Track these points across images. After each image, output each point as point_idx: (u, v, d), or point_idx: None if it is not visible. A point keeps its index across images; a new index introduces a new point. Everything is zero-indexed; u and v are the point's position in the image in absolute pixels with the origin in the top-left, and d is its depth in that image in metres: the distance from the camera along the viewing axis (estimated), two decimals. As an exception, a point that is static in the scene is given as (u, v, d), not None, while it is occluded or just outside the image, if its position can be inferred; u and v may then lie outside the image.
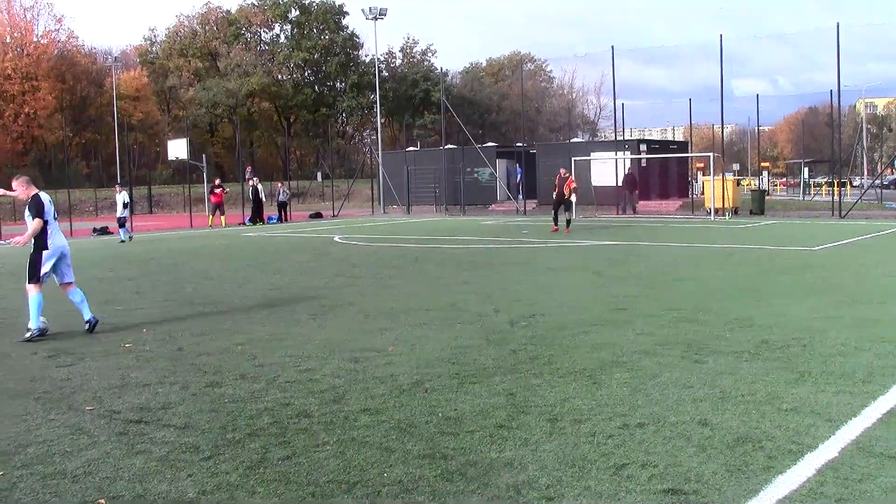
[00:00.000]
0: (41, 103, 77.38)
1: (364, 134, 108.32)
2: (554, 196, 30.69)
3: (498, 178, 52.79)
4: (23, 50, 79.85)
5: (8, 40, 79.77)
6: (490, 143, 60.29)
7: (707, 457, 5.73)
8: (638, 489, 5.20)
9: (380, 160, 57.38)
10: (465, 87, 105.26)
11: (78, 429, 6.77)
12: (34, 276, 11.06)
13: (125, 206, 31.83)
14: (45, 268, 11.13)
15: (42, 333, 11.02)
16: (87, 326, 11.35)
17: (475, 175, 53.50)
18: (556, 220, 30.26)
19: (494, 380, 8.02)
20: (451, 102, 59.46)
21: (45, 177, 70.30)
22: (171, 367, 8.96)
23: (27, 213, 11.20)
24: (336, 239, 29.35)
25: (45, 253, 11.11)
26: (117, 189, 33.38)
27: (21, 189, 11.47)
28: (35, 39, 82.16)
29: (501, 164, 53.93)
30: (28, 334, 10.89)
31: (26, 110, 76.93)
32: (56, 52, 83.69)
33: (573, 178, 31.24)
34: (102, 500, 5.21)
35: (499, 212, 49.23)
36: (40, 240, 11.11)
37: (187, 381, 8.31)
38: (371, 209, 54.80)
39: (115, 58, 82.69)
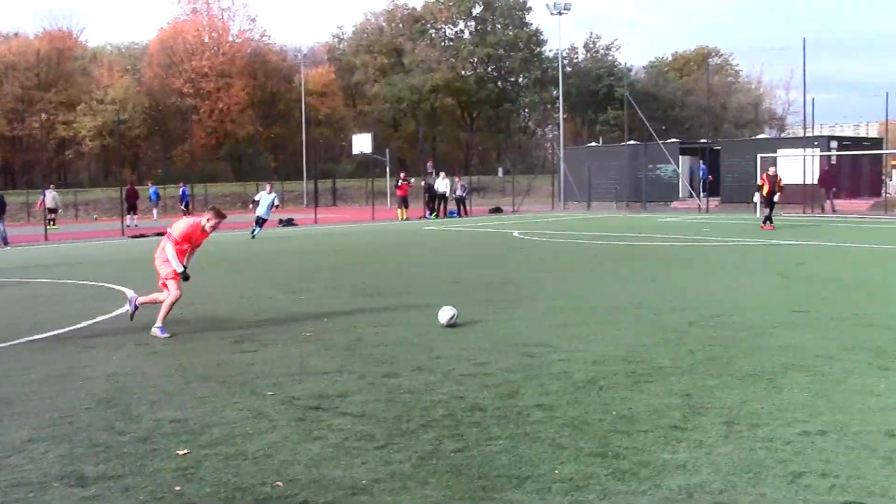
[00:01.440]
0: (234, 99, 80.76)
1: (546, 129, 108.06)
2: (764, 194, 30.36)
3: (680, 176, 51.75)
4: (219, 49, 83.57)
5: (206, 40, 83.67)
6: (673, 140, 59.14)
7: (893, 470, 5.47)
8: (816, 499, 5.02)
9: (561, 156, 57.17)
10: (649, 82, 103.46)
11: (259, 413, 7.07)
12: None
13: (273, 206, 31.47)
14: None
15: None
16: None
17: (657, 172, 52.59)
18: (769, 218, 29.89)
19: (670, 380, 7.89)
20: (635, 98, 58.62)
21: (235, 169, 73.52)
22: (349, 357, 9.22)
23: None
24: (516, 234, 29.46)
25: None
26: (269, 189, 32.38)
27: None
28: (230, 39, 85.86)
29: (684, 161, 52.83)
30: None
31: (220, 106, 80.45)
32: (249, 50, 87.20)
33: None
34: (280, 483, 5.42)
35: (680, 209, 48.24)
36: None
37: (364, 370, 8.54)
38: (551, 205, 54.67)
39: (304, 55, 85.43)
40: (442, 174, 46.51)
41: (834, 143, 47.31)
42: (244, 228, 31.59)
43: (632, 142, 55.47)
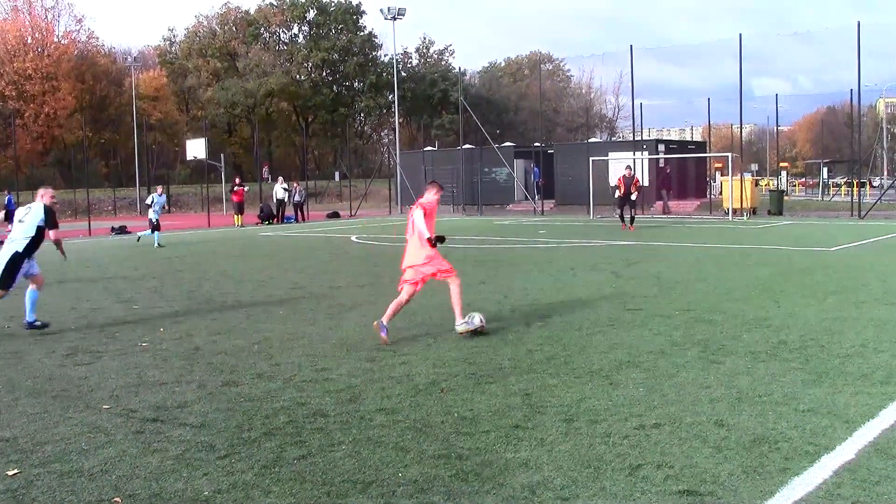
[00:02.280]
0: (61, 103, 77.69)
1: (382, 134, 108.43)
2: (619, 195, 31.26)
3: (515, 178, 52.74)
4: (43, 50, 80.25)
5: (29, 41, 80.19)
6: (508, 143, 60.27)
7: (723, 458, 5.71)
8: (653, 490, 5.19)
9: (397, 160, 57.43)
10: (483, 86, 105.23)
11: (95, 427, 6.81)
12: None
13: (162, 209, 30.16)
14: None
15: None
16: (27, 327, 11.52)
17: (493, 175, 53.46)
18: (622, 218, 30.96)
19: (510, 380, 8.01)
20: (469, 102, 59.42)
21: (64, 176, 70.70)
22: (187, 366, 8.99)
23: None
24: (353, 239, 29.38)
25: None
26: (160, 191, 31.07)
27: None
28: (56, 40, 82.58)
29: (519, 164, 53.88)
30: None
31: (46, 110, 77.26)
32: (76, 52, 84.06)
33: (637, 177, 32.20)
34: (118, 499, 5.23)
35: (516, 212, 49.18)
36: None
37: (204, 379, 8.34)
38: (388, 209, 54.83)
39: (135, 58, 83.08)
40: (280, 179, 46.00)
41: (661, 147, 49.16)
42: (78, 237, 30.37)
43: (467, 146, 56.20)
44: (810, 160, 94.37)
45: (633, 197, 30.68)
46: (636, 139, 47.86)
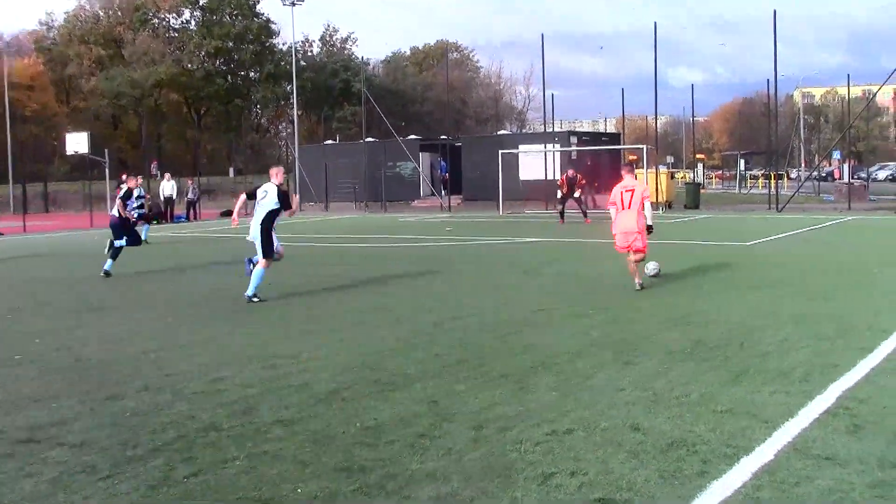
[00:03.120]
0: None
1: (280, 127, 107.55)
2: (562, 194, 32.78)
3: (421, 173, 52.79)
4: None
5: None
6: (413, 136, 60.26)
7: (639, 463, 5.76)
8: (567, 499, 5.20)
9: (296, 154, 56.97)
10: (387, 76, 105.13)
11: (-39, 450, 6.55)
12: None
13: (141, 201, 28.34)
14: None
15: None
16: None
17: (397, 169, 53.42)
18: (562, 214, 32.75)
19: (416, 386, 7.98)
20: (373, 93, 59.32)
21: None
22: (66, 380, 8.73)
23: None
24: (249, 239, 28.95)
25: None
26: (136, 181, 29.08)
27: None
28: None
29: (425, 158, 53.93)
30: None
31: None
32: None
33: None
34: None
35: (422, 208, 49.22)
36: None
37: (84, 394, 8.10)
38: (288, 206, 54.23)
39: (7, 43, 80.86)
40: (167, 175, 45.21)
41: (574, 139, 49.72)
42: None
43: (370, 139, 56.06)
44: (727, 152, 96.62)
45: (577, 194, 32.64)
46: (548, 131, 48.30)
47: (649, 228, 14.46)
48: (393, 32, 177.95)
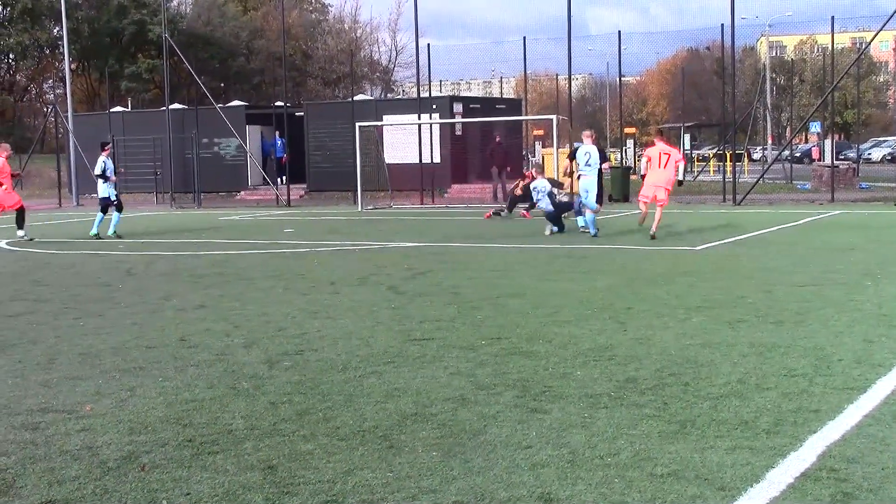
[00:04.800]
0: None
1: (45, 87, 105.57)
2: (518, 192, 33.90)
3: (249, 154, 52.44)
4: None
5: None
6: (237, 102, 59.90)
7: (551, 546, 5.84)
8: None
9: (69, 126, 55.99)
10: (200, 18, 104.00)
11: None
12: None
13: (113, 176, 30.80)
14: None
15: None
16: None
17: (216, 149, 53.01)
18: (510, 210, 34.79)
19: (245, 447, 7.94)
20: (179, 41, 58.75)
21: None
22: None
23: None
24: (2, 245, 28.45)
25: None
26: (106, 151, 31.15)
27: None
28: None
29: (254, 133, 53.63)
30: None
31: None
32: None
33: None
34: None
35: (251, 202, 48.98)
36: None
37: None
38: (58, 199, 53.37)
39: None
40: None
41: (458, 106, 49.95)
42: None
43: (177, 105, 55.48)
44: (667, 124, 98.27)
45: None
46: (422, 96, 48.44)
47: (680, 182, 25.83)
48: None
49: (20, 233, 29.17)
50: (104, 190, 30.21)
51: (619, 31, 48.17)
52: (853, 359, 10.63)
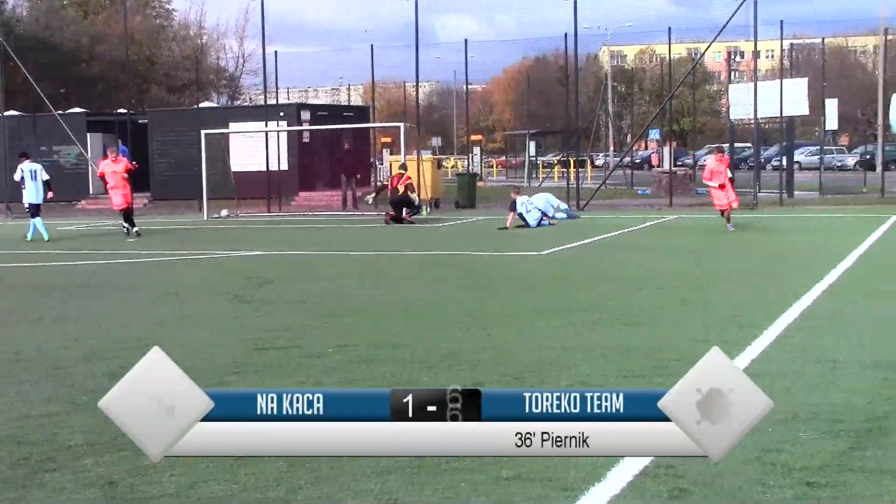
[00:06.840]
0: None
1: None
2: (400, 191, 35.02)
3: (91, 162, 51.65)
4: None
5: None
6: (78, 109, 58.97)
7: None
8: None
9: None
10: (38, 22, 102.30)
11: None
12: None
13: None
14: None
15: None
16: None
17: (55, 157, 52.10)
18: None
19: (85, 462, 7.77)
20: (16, 45, 57.58)
21: None
22: None
23: None
24: None
25: None
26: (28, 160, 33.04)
27: None
28: None
29: (96, 140, 52.88)
30: None
31: None
32: None
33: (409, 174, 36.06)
34: None
35: (92, 212, 48.21)
36: None
37: None
38: None
39: None
40: None
41: (306, 114, 49.88)
42: None
43: (13, 112, 54.44)
44: (513, 131, 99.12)
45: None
46: (269, 104, 48.24)
47: (731, 181, 28.98)
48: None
49: None
50: (30, 196, 31.70)
51: (466, 40, 48.59)
52: (689, 358, 10.78)
